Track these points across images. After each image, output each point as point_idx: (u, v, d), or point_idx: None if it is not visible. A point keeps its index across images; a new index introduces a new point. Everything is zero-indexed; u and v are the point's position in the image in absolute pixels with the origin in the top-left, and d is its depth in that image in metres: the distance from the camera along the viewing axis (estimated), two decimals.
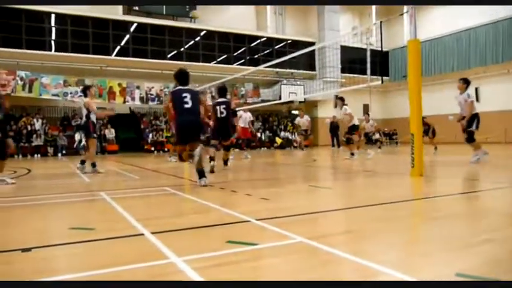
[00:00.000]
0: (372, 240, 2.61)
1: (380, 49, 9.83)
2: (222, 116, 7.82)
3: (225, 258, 2.21)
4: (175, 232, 2.85)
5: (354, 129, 11.22)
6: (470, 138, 8.55)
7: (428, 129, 13.81)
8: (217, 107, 7.86)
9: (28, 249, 2.42)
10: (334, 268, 2.06)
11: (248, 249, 2.37)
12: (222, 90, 8.15)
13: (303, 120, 16.82)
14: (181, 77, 5.92)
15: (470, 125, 8.59)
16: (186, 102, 5.69)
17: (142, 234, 2.75)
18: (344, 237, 2.68)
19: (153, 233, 2.77)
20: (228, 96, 10.41)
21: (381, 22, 7.22)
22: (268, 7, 25.74)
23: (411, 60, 6.31)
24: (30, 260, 2.27)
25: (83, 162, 8.38)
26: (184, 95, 5.71)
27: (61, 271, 2.09)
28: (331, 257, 2.20)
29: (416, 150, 6.25)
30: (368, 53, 7.60)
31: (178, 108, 5.75)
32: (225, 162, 8.33)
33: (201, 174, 5.59)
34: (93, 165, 8.18)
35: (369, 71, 7.32)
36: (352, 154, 11.14)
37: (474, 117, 8.63)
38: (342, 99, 11.24)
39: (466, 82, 8.98)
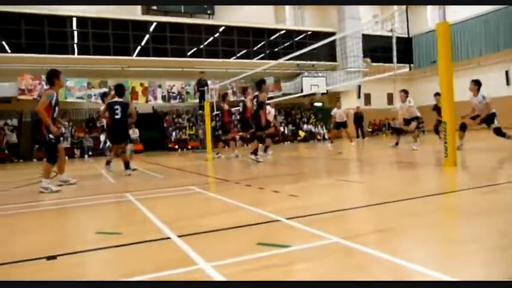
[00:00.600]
0: (412, 240, 2.42)
1: (406, 35, 9.51)
2: (254, 109, 8.76)
3: (257, 262, 2.08)
4: (202, 234, 2.74)
5: (415, 120, 10.63)
6: (501, 134, 8.28)
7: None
8: (253, 101, 8.84)
9: (54, 257, 2.35)
10: (376, 271, 1.90)
11: (281, 252, 2.23)
12: (257, 85, 8.89)
13: (340, 112, 16.10)
14: (118, 90, 7.72)
15: (492, 123, 8.36)
16: (117, 114, 7.40)
17: (169, 238, 2.65)
18: (383, 236, 2.50)
19: (179, 236, 2.66)
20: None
21: (406, 7, 6.89)
22: None
23: (441, 44, 5.99)
24: (56, 269, 2.20)
25: (108, 162, 8.53)
26: (116, 107, 7.41)
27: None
28: (371, 259, 2.03)
29: (449, 139, 5.96)
30: (394, 40, 7.31)
31: (111, 117, 7.50)
32: (255, 152, 8.39)
33: (127, 165, 7.59)
34: (126, 166, 7.81)
35: (395, 59, 7.04)
36: (397, 144, 10.99)
37: (493, 116, 8.38)
38: (406, 91, 10.70)
39: (477, 84, 8.65)
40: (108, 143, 18.01)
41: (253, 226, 2.91)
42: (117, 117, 7.41)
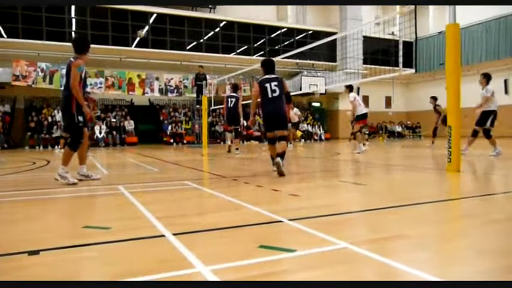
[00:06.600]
0: (429, 248, 2.23)
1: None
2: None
3: (260, 268, 1.89)
4: (200, 233, 2.54)
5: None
6: (487, 135, 8.54)
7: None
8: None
9: (36, 252, 2.14)
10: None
11: (286, 256, 2.03)
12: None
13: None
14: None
15: (484, 123, 8.47)
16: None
17: (164, 236, 2.45)
18: (396, 243, 2.31)
19: (175, 234, 2.46)
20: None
21: (415, 7, 6.70)
22: None
23: (450, 46, 5.82)
24: (36, 265, 1.99)
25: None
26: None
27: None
28: (388, 269, 1.84)
29: (453, 144, 5.80)
30: (400, 43, 7.16)
31: None
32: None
33: None
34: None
35: (401, 59, 6.88)
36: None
37: (489, 114, 8.45)
38: (485, 75, 8.81)
39: (485, 77, 8.68)
40: (103, 134, 17.93)
41: (254, 226, 2.72)
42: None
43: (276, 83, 6.05)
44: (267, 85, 6.04)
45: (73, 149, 5.14)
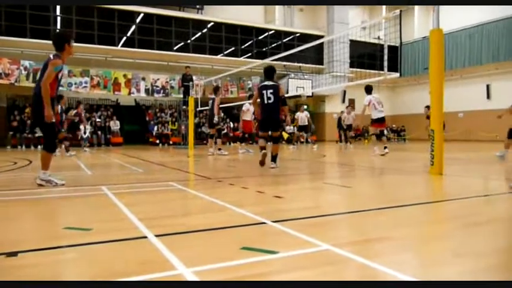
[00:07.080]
0: (411, 249, 2.26)
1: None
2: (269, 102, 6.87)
3: (242, 269, 1.88)
4: (182, 235, 2.52)
5: None
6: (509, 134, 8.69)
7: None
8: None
9: (14, 254, 2.10)
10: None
11: (268, 258, 2.04)
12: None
13: (302, 116, 16.50)
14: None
15: None
16: None
17: (146, 237, 2.43)
18: (378, 245, 2.33)
19: (157, 235, 2.44)
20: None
21: (400, 11, 6.80)
22: None
23: (434, 51, 5.93)
24: (14, 267, 1.95)
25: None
26: None
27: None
28: (369, 271, 1.86)
29: (436, 148, 5.89)
30: (385, 48, 7.27)
31: None
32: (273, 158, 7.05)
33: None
34: None
35: (386, 63, 6.97)
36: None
37: None
38: None
39: None
40: (87, 134, 17.64)
41: (237, 228, 2.71)
42: None
43: (271, 91, 6.78)
44: (264, 92, 6.82)
45: (50, 150, 5.00)
